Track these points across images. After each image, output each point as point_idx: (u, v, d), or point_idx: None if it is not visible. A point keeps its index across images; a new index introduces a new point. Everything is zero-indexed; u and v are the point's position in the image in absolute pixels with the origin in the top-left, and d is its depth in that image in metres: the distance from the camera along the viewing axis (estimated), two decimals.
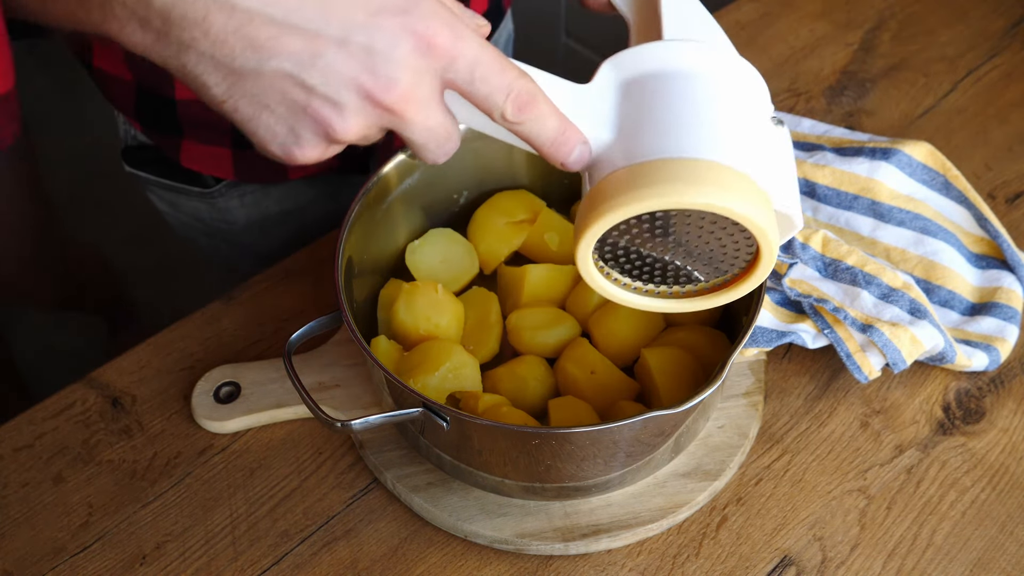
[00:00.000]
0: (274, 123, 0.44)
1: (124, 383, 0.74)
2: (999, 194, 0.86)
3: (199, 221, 0.93)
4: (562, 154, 0.49)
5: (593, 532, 0.65)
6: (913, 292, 0.72)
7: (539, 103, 0.47)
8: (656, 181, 0.45)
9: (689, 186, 0.45)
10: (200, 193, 0.89)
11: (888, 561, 0.64)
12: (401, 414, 0.60)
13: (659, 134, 0.47)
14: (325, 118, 0.43)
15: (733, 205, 0.45)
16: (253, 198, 0.90)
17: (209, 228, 0.94)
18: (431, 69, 0.44)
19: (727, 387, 0.71)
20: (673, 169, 0.46)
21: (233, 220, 0.92)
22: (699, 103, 0.48)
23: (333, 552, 0.66)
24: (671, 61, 0.50)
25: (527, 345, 0.70)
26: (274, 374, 0.72)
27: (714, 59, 0.50)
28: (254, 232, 0.93)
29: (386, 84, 0.43)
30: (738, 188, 0.45)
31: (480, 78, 0.45)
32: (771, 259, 0.49)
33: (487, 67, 0.45)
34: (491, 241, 0.75)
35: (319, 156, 0.46)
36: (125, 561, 0.65)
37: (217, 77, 0.43)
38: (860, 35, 1.00)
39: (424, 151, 0.47)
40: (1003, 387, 0.73)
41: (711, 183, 0.45)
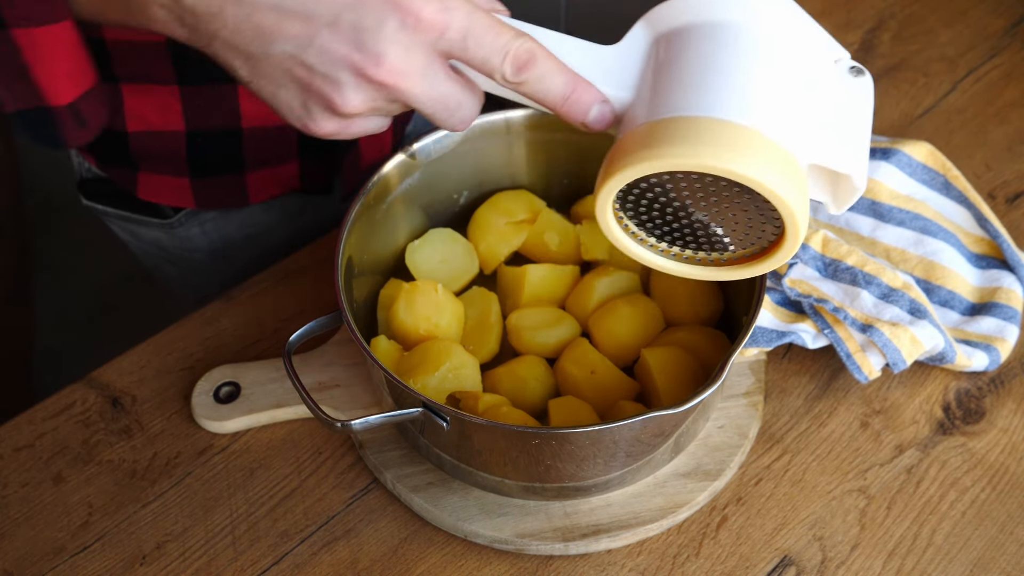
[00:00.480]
0: (290, 99, 0.49)
1: (124, 383, 0.74)
2: (999, 194, 0.86)
3: (162, 250, 0.92)
4: (578, 113, 0.49)
5: (593, 532, 0.65)
6: (913, 292, 0.72)
7: (540, 60, 0.47)
8: (673, 140, 0.43)
9: (707, 148, 0.42)
10: (159, 224, 0.87)
11: (888, 561, 0.64)
12: (401, 414, 0.60)
13: (684, 89, 0.44)
14: (327, 95, 0.47)
15: (754, 174, 0.42)
16: (214, 224, 0.89)
17: (172, 256, 0.93)
18: (422, 42, 0.46)
19: (727, 387, 0.71)
20: (694, 129, 0.43)
21: (196, 247, 0.91)
22: (732, 57, 0.44)
23: (333, 552, 0.66)
24: (705, 10, 0.46)
25: (527, 345, 0.70)
26: (274, 374, 0.72)
27: (756, 6, 0.46)
28: (218, 258, 0.92)
29: (375, 60, 0.46)
30: (762, 156, 0.42)
31: (474, 43, 0.46)
32: (797, 236, 0.45)
33: (480, 32, 0.46)
34: (491, 241, 0.75)
35: (336, 130, 0.50)
36: (125, 561, 0.65)
37: (239, 61, 0.48)
38: (860, 35, 0.99)
39: (436, 120, 0.50)
40: (1003, 387, 0.73)
41: (730, 147, 0.42)
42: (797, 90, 0.45)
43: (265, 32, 0.46)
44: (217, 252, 0.91)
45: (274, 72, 0.48)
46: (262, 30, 0.46)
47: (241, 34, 0.46)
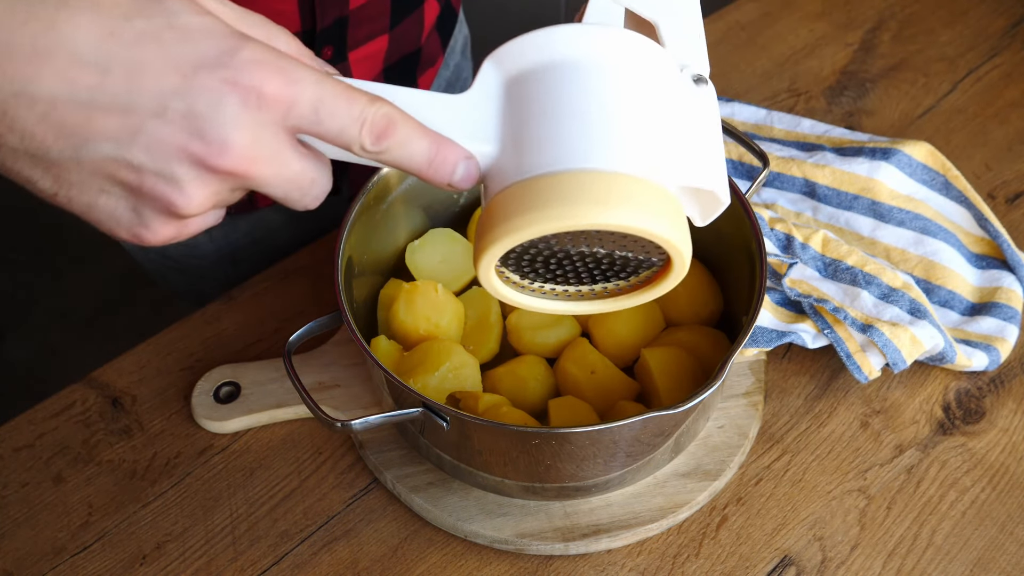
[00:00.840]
0: (114, 207, 0.41)
1: (124, 383, 0.74)
2: (999, 194, 0.86)
3: (168, 258, 0.92)
4: (443, 175, 0.44)
5: (593, 532, 0.65)
6: (913, 292, 0.72)
7: (399, 126, 0.42)
8: (542, 204, 0.41)
9: (578, 207, 0.41)
10: None
11: (888, 561, 0.64)
12: (401, 414, 0.60)
13: (542, 142, 0.43)
14: (163, 195, 0.39)
15: (629, 221, 0.41)
16: (221, 232, 0.89)
17: (179, 264, 0.92)
18: (269, 121, 0.39)
19: (727, 387, 0.71)
20: (560, 187, 0.41)
21: (202, 255, 0.91)
22: (582, 97, 0.43)
23: (333, 552, 0.66)
24: (546, 49, 0.44)
25: (527, 345, 0.70)
26: (274, 374, 0.72)
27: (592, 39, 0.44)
28: (225, 264, 0.92)
29: (219, 149, 0.38)
30: (632, 200, 0.41)
31: (327, 115, 0.40)
32: (683, 263, 0.45)
33: (331, 102, 0.40)
34: None
35: (174, 235, 0.42)
36: (125, 561, 0.65)
37: (39, 171, 0.39)
38: (860, 35, 0.99)
39: (288, 202, 0.43)
40: (1003, 387, 0.73)
41: (600, 201, 0.41)
42: (652, 116, 0.44)
43: (71, 133, 0.38)
44: (224, 258, 0.91)
45: (89, 179, 0.39)
46: (66, 130, 0.38)
47: (36, 139, 0.38)
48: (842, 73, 0.96)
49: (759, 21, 1.01)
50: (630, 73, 0.44)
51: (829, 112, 0.93)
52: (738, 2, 1.03)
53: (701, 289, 0.71)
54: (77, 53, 0.37)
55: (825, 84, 0.95)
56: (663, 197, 0.42)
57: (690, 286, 0.71)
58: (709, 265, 0.73)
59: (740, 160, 0.83)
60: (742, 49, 0.98)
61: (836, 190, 0.80)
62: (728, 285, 0.72)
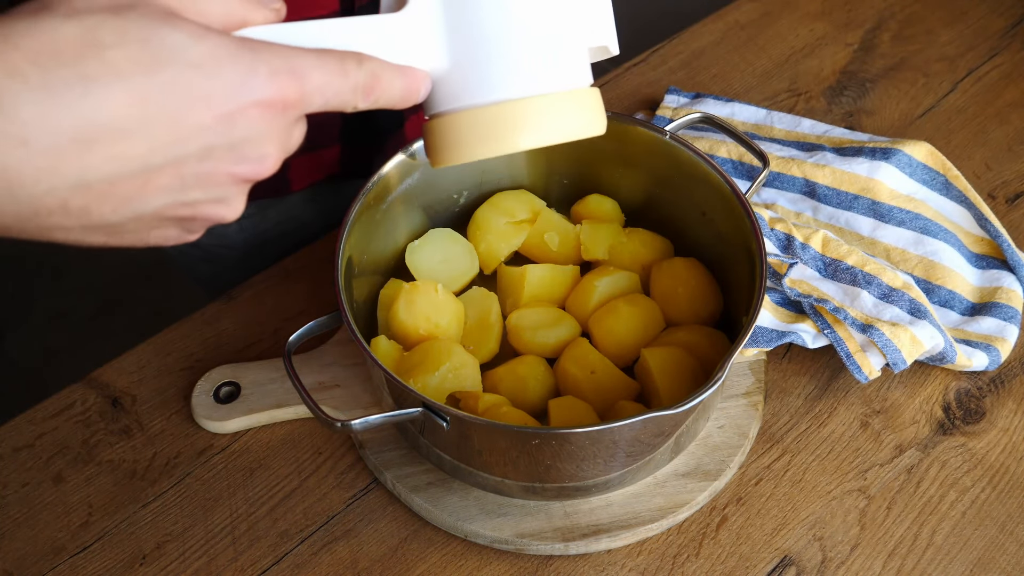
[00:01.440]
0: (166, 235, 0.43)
1: (124, 383, 0.74)
2: (999, 194, 0.86)
3: (197, 248, 0.92)
4: (412, 101, 0.48)
5: (593, 532, 0.65)
6: (913, 292, 0.72)
7: (381, 78, 0.45)
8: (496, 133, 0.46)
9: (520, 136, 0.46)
10: None
11: (888, 561, 0.64)
12: (401, 414, 0.60)
13: (479, 67, 0.46)
14: (214, 215, 0.43)
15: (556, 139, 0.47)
16: (251, 221, 0.89)
17: (207, 254, 0.93)
18: (292, 117, 0.43)
19: (727, 387, 0.71)
20: (508, 116, 0.46)
21: (231, 245, 0.91)
22: (506, 19, 0.46)
23: (333, 552, 0.66)
24: None
25: (527, 345, 0.70)
26: (274, 374, 0.72)
27: None
28: (253, 255, 0.92)
29: (260, 162, 0.42)
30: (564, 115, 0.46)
31: (332, 95, 0.44)
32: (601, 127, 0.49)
33: (332, 82, 0.43)
34: (491, 241, 0.75)
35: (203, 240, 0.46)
36: (125, 561, 0.65)
37: (98, 236, 0.41)
38: (860, 35, 1.00)
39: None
40: (1003, 387, 0.73)
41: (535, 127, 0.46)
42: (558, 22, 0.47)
43: (130, 199, 0.39)
44: (252, 249, 0.92)
45: (146, 224, 0.41)
46: (125, 199, 0.39)
47: (94, 214, 0.39)
48: (842, 73, 0.96)
49: (759, 21, 1.01)
50: None
51: (829, 112, 0.93)
52: (738, 2, 1.03)
53: (701, 289, 0.71)
54: (119, 129, 0.37)
55: (825, 84, 0.95)
56: (575, 102, 0.47)
57: (690, 286, 0.71)
58: (709, 265, 0.73)
59: (740, 160, 0.83)
60: (742, 49, 0.98)
61: (836, 190, 0.80)
62: (728, 285, 0.72)
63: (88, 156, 0.37)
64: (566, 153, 0.76)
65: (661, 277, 0.72)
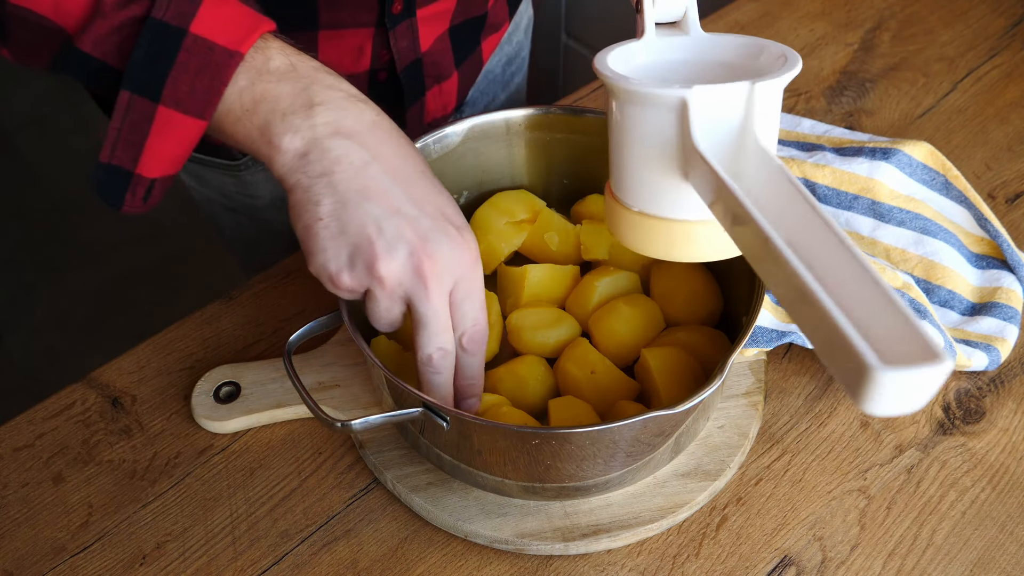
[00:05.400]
0: (338, 249, 0.55)
1: (124, 383, 0.74)
2: (999, 194, 0.86)
3: (223, 196, 0.94)
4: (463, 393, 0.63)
5: (593, 532, 0.65)
6: (913, 292, 0.72)
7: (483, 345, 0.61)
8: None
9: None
10: (226, 166, 0.89)
11: (888, 561, 0.64)
12: (401, 414, 0.60)
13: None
14: (378, 253, 0.55)
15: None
16: None
17: (233, 203, 0.95)
18: (455, 269, 0.57)
19: (727, 387, 0.71)
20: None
21: (258, 195, 0.93)
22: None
23: (333, 552, 0.66)
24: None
25: (527, 345, 0.70)
26: (274, 374, 0.72)
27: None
28: (277, 205, 0.94)
29: (428, 256, 0.55)
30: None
31: (471, 298, 0.58)
32: None
33: (479, 295, 0.59)
34: (491, 241, 0.75)
35: (356, 287, 0.57)
36: (125, 561, 0.65)
37: (331, 200, 0.54)
38: (860, 35, 1.00)
39: (420, 330, 0.58)
40: (1003, 387, 0.73)
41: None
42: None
43: (369, 193, 0.54)
44: (277, 199, 0.93)
45: (350, 220, 0.54)
46: (367, 191, 0.54)
47: (349, 182, 0.54)
48: (842, 73, 0.96)
49: (759, 21, 1.01)
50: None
51: (829, 112, 0.93)
52: (738, 2, 1.03)
53: (701, 289, 0.71)
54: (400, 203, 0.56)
55: (825, 84, 0.95)
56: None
57: (690, 286, 0.71)
58: (709, 265, 0.73)
59: None
60: None
61: (836, 190, 0.80)
62: (728, 285, 0.72)
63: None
64: (566, 153, 0.76)
65: (661, 277, 0.72)
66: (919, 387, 0.35)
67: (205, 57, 0.53)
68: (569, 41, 1.78)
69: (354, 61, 0.79)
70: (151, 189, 0.57)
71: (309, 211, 0.55)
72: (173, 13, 0.53)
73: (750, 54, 0.57)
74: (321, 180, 0.54)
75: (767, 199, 0.48)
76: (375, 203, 0.55)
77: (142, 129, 0.54)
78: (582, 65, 1.76)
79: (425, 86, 0.85)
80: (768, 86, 0.50)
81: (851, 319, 0.38)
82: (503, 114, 0.73)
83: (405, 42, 0.79)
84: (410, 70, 0.82)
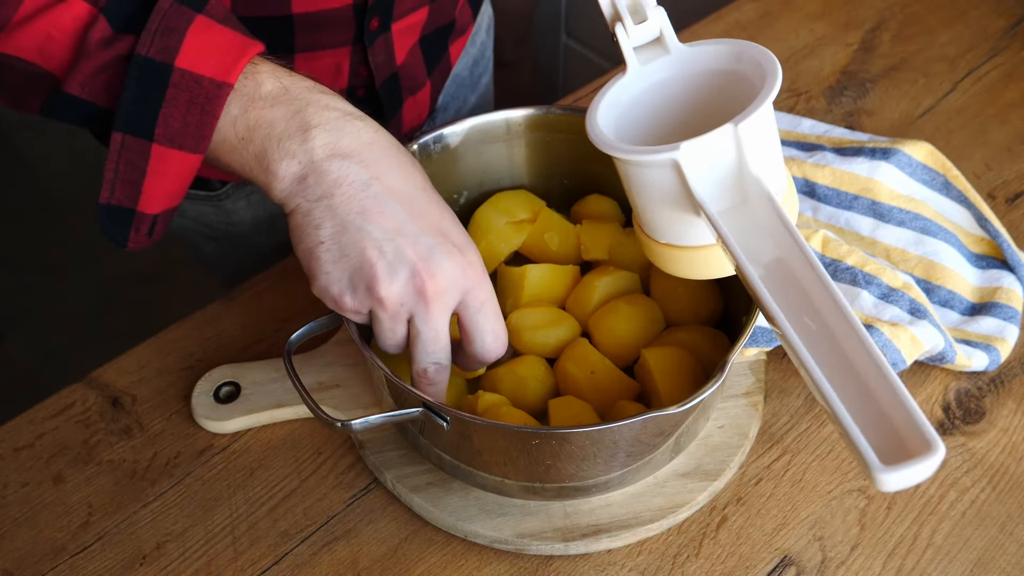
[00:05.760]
0: (341, 273, 0.56)
1: (124, 383, 0.74)
2: (999, 194, 0.86)
3: (204, 225, 0.93)
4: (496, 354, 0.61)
5: (593, 532, 0.65)
6: (913, 292, 0.72)
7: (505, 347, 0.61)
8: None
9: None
10: (206, 197, 0.89)
11: (888, 561, 0.64)
12: (401, 414, 0.60)
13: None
14: (379, 276, 0.55)
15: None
16: (259, 197, 0.90)
17: (214, 231, 0.94)
18: (460, 285, 0.57)
19: (727, 387, 0.71)
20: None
21: (239, 221, 0.92)
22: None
23: (333, 552, 0.66)
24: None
25: (527, 345, 0.70)
26: (274, 374, 0.72)
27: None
28: (260, 231, 0.93)
29: (430, 275, 0.55)
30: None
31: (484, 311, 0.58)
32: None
33: (492, 305, 0.59)
34: (491, 241, 0.75)
35: (359, 308, 0.57)
36: (125, 561, 0.65)
37: (331, 223, 0.54)
38: (860, 35, 1.00)
39: (417, 345, 0.58)
40: (1003, 387, 0.73)
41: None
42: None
43: (369, 215, 0.54)
44: (260, 224, 0.93)
45: (351, 243, 0.54)
46: (367, 212, 0.54)
47: (349, 204, 0.54)
48: (842, 73, 0.96)
49: (759, 21, 1.01)
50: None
51: (829, 112, 0.93)
52: (738, 2, 1.03)
53: (701, 289, 0.71)
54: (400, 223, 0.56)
55: (825, 84, 0.95)
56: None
57: (690, 286, 0.71)
58: None
59: None
60: None
61: (836, 190, 0.80)
62: (728, 285, 0.72)
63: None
64: (566, 153, 0.76)
65: (661, 277, 0.72)
66: (918, 474, 0.42)
67: (193, 91, 0.53)
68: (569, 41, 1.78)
69: (331, 80, 0.79)
70: (154, 225, 0.57)
71: (310, 235, 0.55)
72: (158, 48, 0.52)
73: (730, 58, 0.59)
74: (320, 204, 0.54)
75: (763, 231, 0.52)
76: (375, 224, 0.54)
77: (139, 168, 0.54)
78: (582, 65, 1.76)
79: (402, 98, 0.85)
80: (750, 122, 0.52)
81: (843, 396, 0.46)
82: (503, 114, 0.73)
83: (382, 57, 0.79)
84: (388, 84, 0.82)
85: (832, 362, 0.47)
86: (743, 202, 0.53)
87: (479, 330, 0.59)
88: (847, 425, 0.45)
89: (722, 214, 0.53)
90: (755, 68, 0.56)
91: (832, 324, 0.48)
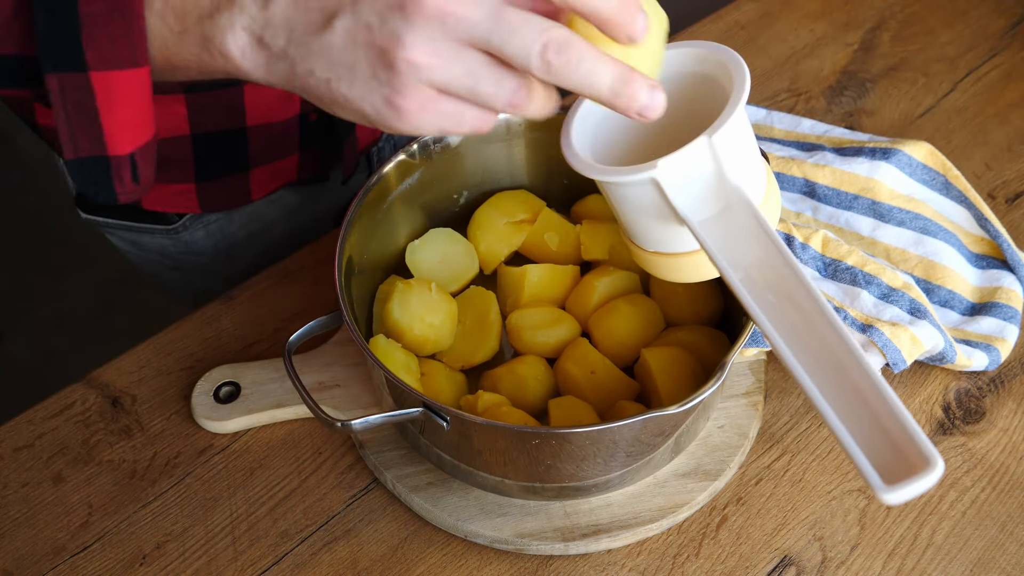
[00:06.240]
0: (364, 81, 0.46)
1: (124, 383, 0.74)
2: (999, 194, 0.86)
3: (165, 257, 0.92)
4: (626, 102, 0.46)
5: (593, 532, 0.65)
6: (913, 292, 0.72)
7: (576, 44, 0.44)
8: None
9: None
10: (164, 230, 0.87)
11: (888, 561, 0.64)
12: (401, 414, 0.60)
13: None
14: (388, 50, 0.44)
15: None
16: (218, 226, 0.89)
17: (176, 262, 0.92)
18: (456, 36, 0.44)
19: (727, 387, 0.71)
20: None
21: (200, 251, 0.91)
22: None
23: (333, 552, 0.66)
24: None
25: (527, 345, 0.70)
26: (274, 374, 0.72)
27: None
28: (222, 259, 0.92)
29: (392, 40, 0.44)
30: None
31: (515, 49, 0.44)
32: None
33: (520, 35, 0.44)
34: (491, 241, 0.75)
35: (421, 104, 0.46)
36: (125, 561, 0.65)
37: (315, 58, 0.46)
38: (860, 35, 1.00)
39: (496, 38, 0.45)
40: (1003, 387, 0.73)
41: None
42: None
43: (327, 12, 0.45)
44: (221, 253, 0.91)
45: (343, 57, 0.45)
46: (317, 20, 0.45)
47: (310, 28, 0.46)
48: (842, 73, 0.96)
49: (759, 21, 1.01)
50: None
51: (829, 112, 0.93)
52: (738, 2, 1.03)
53: (701, 289, 0.71)
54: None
55: (825, 84, 0.95)
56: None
57: (690, 286, 0.71)
58: None
59: None
60: (742, 49, 0.98)
61: (836, 190, 0.80)
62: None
63: None
64: None
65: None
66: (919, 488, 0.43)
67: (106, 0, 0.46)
68: None
69: (283, 108, 0.78)
70: (135, 167, 0.51)
71: (316, 87, 0.47)
72: None
73: (695, 61, 0.58)
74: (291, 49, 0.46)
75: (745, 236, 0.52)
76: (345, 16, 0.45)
77: (88, 106, 0.48)
78: None
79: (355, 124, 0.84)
80: (724, 131, 0.52)
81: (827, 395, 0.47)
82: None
83: None
84: None
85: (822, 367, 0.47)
86: (725, 208, 0.53)
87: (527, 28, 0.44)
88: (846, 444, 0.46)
89: (704, 223, 0.53)
90: (722, 70, 0.56)
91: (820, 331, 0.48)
